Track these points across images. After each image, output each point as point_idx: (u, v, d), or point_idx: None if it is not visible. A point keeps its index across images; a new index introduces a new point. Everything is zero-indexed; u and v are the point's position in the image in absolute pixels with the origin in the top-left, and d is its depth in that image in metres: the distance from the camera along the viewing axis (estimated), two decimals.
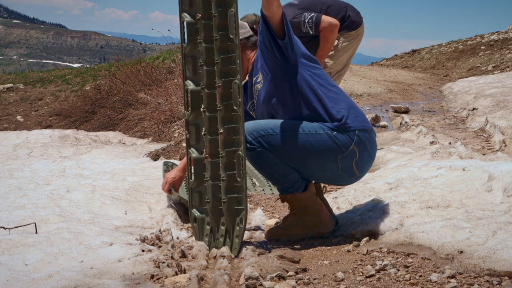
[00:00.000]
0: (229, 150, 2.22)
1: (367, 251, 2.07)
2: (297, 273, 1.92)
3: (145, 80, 9.40)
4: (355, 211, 2.63)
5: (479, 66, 12.25)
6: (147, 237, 2.24)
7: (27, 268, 1.86)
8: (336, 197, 3.08)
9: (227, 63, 2.23)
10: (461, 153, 3.57)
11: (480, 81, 8.76)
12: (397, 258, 1.93)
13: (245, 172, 2.19)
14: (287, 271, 1.92)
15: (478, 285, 1.61)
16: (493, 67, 11.67)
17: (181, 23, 2.30)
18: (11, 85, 13.10)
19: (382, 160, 4.10)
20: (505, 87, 7.41)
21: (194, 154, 2.32)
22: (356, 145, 2.30)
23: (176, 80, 8.73)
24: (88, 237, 2.17)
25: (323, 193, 2.56)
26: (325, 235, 2.46)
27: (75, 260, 1.92)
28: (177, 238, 2.36)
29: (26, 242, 2.08)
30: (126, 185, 3.17)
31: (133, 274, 1.82)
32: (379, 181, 3.04)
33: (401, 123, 5.97)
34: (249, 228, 2.71)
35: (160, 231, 2.39)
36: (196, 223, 2.31)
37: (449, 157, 3.55)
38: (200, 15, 2.25)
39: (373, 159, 2.43)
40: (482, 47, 13.80)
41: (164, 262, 1.91)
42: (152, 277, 1.81)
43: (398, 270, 1.81)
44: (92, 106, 9.81)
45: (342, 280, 1.81)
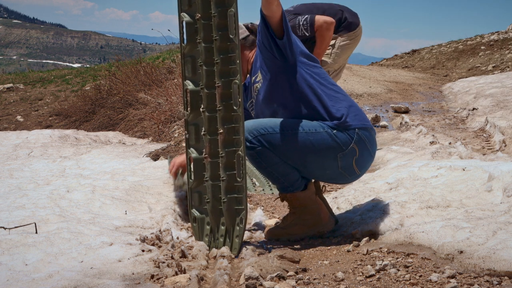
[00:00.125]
0: (229, 150, 2.22)
1: (367, 251, 2.07)
2: (297, 273, 1.92)
3: (145, 80, 9.40)
4: (355, 211, 2.63)
5: (479, 66, 12.25)
6: (147, 237, 2.24)
7: (27, 268, 1.86)
8: (336, 197, 3.08)
9: (227, 63, 2.22)
10: (461, 153, 3.57)
11: (480, 81, 8.76)
12: (397, 258, 1.92)
13: (245, 172, 2.19)
14: (287, 271, 1.91)
15: (478, 285, 1.61)
16: (493, 67, 11.67)
17: (180, 23, 2.30)
18: (11, 85, 13.10)
19: (382, 160, 4.10)
20: (505, 87, 7.41)
21: (193, 154, 2.31)
22: (356, 143, 2.30)
23: (176, 80, 8.73)
24: (88, 237, 2.17)
25: (322, 192, 2.56)
26: (325, 234, 2.46)
27: (75, 260, 1.92)
28: (177, 238, 2.36)
29: (26, 242, 2.07)
30: (126, 185, 3.17)
31: (133, 274, 1.82)
32: (379, 181, 3.04)
33: (401, 123, 5.97)
34: (249, 228, 2.71)
35: (160, 231, 2.39)
36: (196, 223, 2.31)
37: (449, 157, 3.55)
38: (200, 15, 2.25)
39: (373, 157, 2.43)
40: (482, 47, 13.80)
41: (164, 262, 1.91)
42: (152, 277, 1.81)
43: (398, 270, 1.81)
44: (92, 106, 9.81)
45: (342, 280, 1.81)
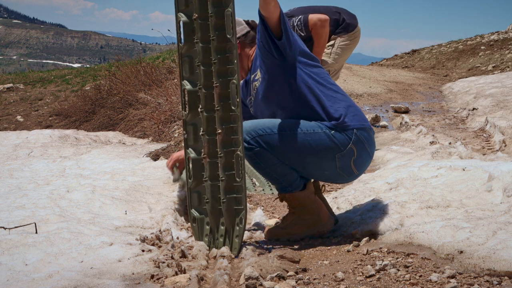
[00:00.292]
0: (227, 150, 2.21)
1: (367, 251, 2.07)
2: (297, 273, 1.92)
3: (145, 80, 9.39)
4: (355, 211, 2.63)
5: (479, 66, 12.25)
6: (147, 237, 2.24)
7: (27, 268, 1.85)
8: (336, 197, 3.08)
9: (225, 63, 2.22)
10: (461, 153, 3.57)
11: (480, 81, 8.76)
12: (397, 258, 1.92)
13: (244, 172, 2.18)
14: (287, 271, 1.91)
15: (478, 285, 1.61)
16: (493, 67, 11.67)
17: (177, 23, 2.29)
18: (11, 85, 13.10)
19: (382, 160, 4.10)
20: (505, 87, 7.41)
21: (192, 154, 2.31)
22: (354, 144, 2.30)
23: (176, 80, 8.73)
24: (88, 237, 2.17)
25: (322, 192, 2.56)
26: (325, 234, 2.46)
27: (75, 260, 1.92)
28: (177, 238, 2.36)
29: (26, 242, 2.07)
30: (126, 185, 3.17)
31: (133, 274, 1.82)
32: (379, 181, 3.04)
33: (401, 123, 5.97)
34: (249, 228, 2.71)
35: (160, 231, 2.39)
36: (196, 223, 2.31)
37: (449, 157, 3.55)
38: (197, 15, 2.24)
39: (371, 157, 2.43)
40: (482, 47, 13.80)
41: (164, 262, 1.91)
42: (152, 277, 1.81)
43: (398, 270, 1.81)
44: (92, 106, 9.81)
45: (342, 280, 1.81)
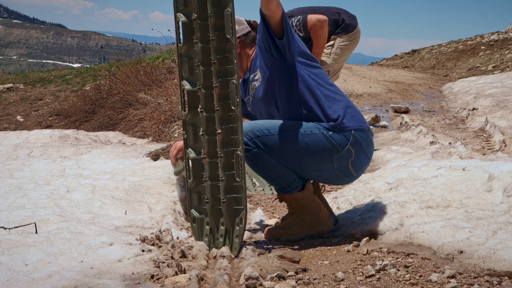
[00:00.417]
0: (227, 150, 2.21)
1: (367, 251, 2.07)
2: (297, 273, 1.92)
3: (145, 80, 9.39)
4: (355, 211, 2.63)
5: (479, 66, 12.25)
6: (147, 237, 2.24)
7: (27, 268, 1.85)
8: (336, 197, 3.08)
9: (224, 63, 2.21)
10: (461, 153, 3.57)
11: (480, 81, 8.76)
12: (397, 258, 1.92)
13: (244, 172, 2.18)
14: (287, 271, 1.91)
15: (478, 285, 1.61)
16: (493, 67, 11.67)
17: (176, 23, 2.28)
18: (11, 85, 13.10)
19: (382, 160, 4.11)
20: (505, 87, 7.41)
21: (192, 154, 2.31)
22: (352, 145, 2.29)
23: (176, 80, 8.73)
24: (88, 237, 2.17)
25: (322, 192, 2.56)
26: (325, 233, 2.46)
27: (75, 260, 1.92)
28: (177, 238, 2.36)
29: (26, 242, 2.07)
30: (126, 185, 3.17)
31: (133, 274, 1.82)
32: (379, 181, 3.04)
33: (401, 123, 5.97)
34: (249, 228, 2.71)
35: (160, 231, 2.39)
36: (195, 223, 2.31)
37: (449, 157, 3.55)
38: (196, 15, 2.23)
39: (370, 159, 2.42)
40: (482, 47, 13.80)
41: (164, 262, 1.91)
42: (152, 277, 1.81)
43: (398, 270, 1.80)
44: (92, 106, 9.80)
45: (342, 280, 1.81)
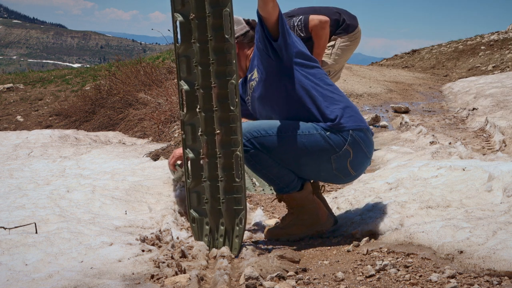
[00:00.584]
0: (226, 150, 2.21)
1: (367, 251, 2.07)
2: (297, 273, 1.92)
3: (145, 80, 9.39)
4: (355, 211, 2.63)
5: (479, 66, 12.25)
6: (147, 237, 2.24)
7: (27, 268, 1.85)
8: (336, 197, 3.08)
9: (223, 63, 2.20)
10: (461, 153, 3.57)
11: (480, 81, 8.76)
12: (397, 258, 1.92)
13: (243, 172, 2.18)
14: (287, 271, 1.91)
15: (478, 285, 1.61)
16: (493, 67, 11.68)
17: (174, 23, 2.27)
18: (11, 85, 13.10)
19: (382, 160, 4.11)
20: (505, 87, 7.41)
21: (190, 155, 2.30)
22: (349, 145, 2.29)
23: (176, 80, 8.73)
24: (88, 237, 2.17)
25: (321, 192, 2.56)
26: (324, 233, 2.46)
27: (75, 260, 1.92)
28: (177, 238, 2.36)
29: (26, 242, 2.07)
30: (126, 185, 3.17)
31: (133, 274, 1.82)
32: (379, 181, 3.04)
33: (401, 123, 5.97)
34: (249, 228, 2.71)
35: (160, 231, 2.39)
36: (195, 223, 2.30)
37: (449, 157, 3.55)
38: (194, 15, 2.22)
39: (369, 158, 2.41)
40: (482, 47, 13.80)
41: (164, 262, 1.91)
42: (152, 277, 1.81)
43: (398, 270, 1.80)
44: (92, 106, 9.80)
45: (342, 280, 1.81)
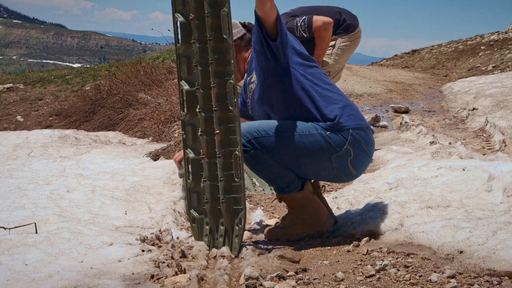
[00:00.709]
0: (226, 150, 2.21)
1: (367, 251, 2.07)
2: (297, 273, 1.92)
3: (145, 80, 9.40)
4: (355, 211, 2.63)
5: (479, 66, 12.25)
6: (147, 237, 2.24)
7: (27, 268, 1.86)
8: (336, 197, 3.08)
9: (221, 63, 2.20)
10: (461, 153, 3.57)
11: (480, 81, 8.76)
12: (397, 258, 1.92)
13: (242, 172, 2.18)
14: (287, 271, 1.91)
15: (478, 285, 1.61)
16: (493, 67, 11.68)
17: (174, 23, 2.27)
18: (11, 85, 13.10)
19: (382, 160, 4.11)
20: (505, 87, 7.41)
21: (191, 155, 2.30)
22: (350, 144, 2.28)
23: (176, 80, 8.73)
24: (88, 237, 2.17)
25: (321, 192, 2.56)
26: (324, 233, 2.46)
27: (75, 260, 1.92)
28: (177, 238, 2.36)
29: (26, 242, 2.07)
30: (126, 185, 3.17)
31: (133, 274, 1.82)
32: (379, 181, 3.04)
33: (401, 123, 5.98)
34: (249, 228, 2.71)
35: (160, 231, 2.39)
36: (195, 223, 2.31)
37: (449, 157, 3.55)
38: (193, 15, 2.22)
39: (370, 156, 2.40)
40: (482, 47, 13.80)
41: (164, 262, 1.91)
42: (152, 277, 1.81)
43: (398, 270, 1.80)
44: (92, 106, 9.81)
45: (342, 280, 1.81)
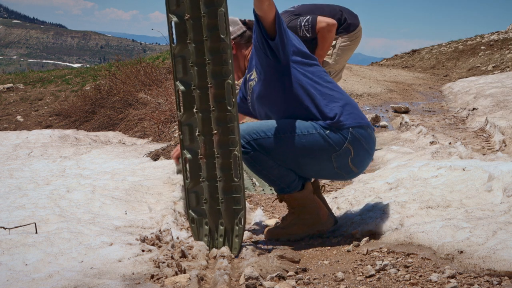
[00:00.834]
0: (224, 150, 2.20)
1: (367, 251, 2.07)
2: (297, 273, 1.92)
3: (145, 80, 9.40)
4: (355, 211, 2.63)
5: (479, 66, 12.25)
6: (147, 237, 2.24)
7: (27, 268, 1.86)
8: (336, 197, 3.08)
9: (219, 63, 2.19)
10: (461, 153, 3.57)
11: (480, 81, 8.76)
12: (397, 258, 1.92)
13: (242, 172, 2.17)
14: (287, 271, 1.91)
15: (478, 285, 1.61)
16: (493, 67, 11.68)
17: (169, 23, 2.25)
18: (11, 85, 13.11)
19: (382, 160, 4.11)
20: (505, 87, 7.41)
21: (188, 155, 2.30)
22: (350, 143, 2.27)
23: None
24: (88, 237, 2.17)
25: (321, 192, 2.56)
26: (325, 233, 2.46)
27: (75, 260, 1.92)
28: (177, 238, 2.36)
29: (26, 242, 2.07)
30: (126, 185, 3.17)
31: (133, 274, 1.82)
32: (379, 181, 3.04)
33: (401, 123, 5.98)
34: (249, 228, 2.71)
35: (160, 231, 2.39)
36: (194, 224, 2.30)
37: (449, 157, 3.55)
38: (189, 15, 2.21)
39: (370, 154, 2.39)
40: (482, 47, 13.81)
41: (164, 262, 1.91)
42: (152, 277, 1.81)
43: (398, 270, 1.81)
44: (92, 106, 9.81)
45: (342, 280, 1.81)
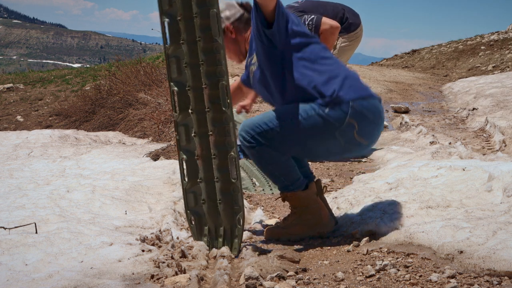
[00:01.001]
0: (221, 151, 2.20)
1: (367, 251, 2.07)
2: (297, 273, 1.92)
3: (145, 80, 9.40)
4: (355, 211, 2.63)
5: (479, 66, 12.26)
6: (147, 237, 2.24)
7: (27, 268, 1.86)
8: (336, 197, 3.08)
9: (212, 63, 2.18)
10: (461, 153, 3.57)
11: (480, 81, 8.77)
12: (397, 258, 1.92)
13: (239, 172, 2.17)
14: (287, 271, 1.91)
15: (478, 285, 1.61)
16: (493, 67, 11.68)
17: (162, 23, 2.23)
18: (11, 85, 13.11)
19: (382, 160, 4.11)
20: (505, 87, 7.41)
21: (185, 156, 2.29)
22: (351, 117, 2.21)
23: None
24: (88, 237, 2.17)
25: (323, 193, 2.56)
26: (325, 234, 2.46)
27: (75, 260, 1.92)
28: (177, 238, 2.36)
29: (26, 242, 2.08)
30: (126, 185, 3.17)
31: (133, 274, 1.82)
32: (379, 181, 3.04)
33: (401, 123, 5.97)
34: (249, 228, 2.71)
35: (160, 231, 2.39)
36: (193, 224, 2.30)
37: (449, 157, 3.55)
38: (181, 16, 2.19)
39: (378, 124, 2.31)
40: (482, 47, 13.81)
41: (164, 262, 1.91)
42: (152, 277, 1.81)
43: (398, 270, 1.81)
44: (92, 106, 9.82)
45: (342, 280, 1.81)
